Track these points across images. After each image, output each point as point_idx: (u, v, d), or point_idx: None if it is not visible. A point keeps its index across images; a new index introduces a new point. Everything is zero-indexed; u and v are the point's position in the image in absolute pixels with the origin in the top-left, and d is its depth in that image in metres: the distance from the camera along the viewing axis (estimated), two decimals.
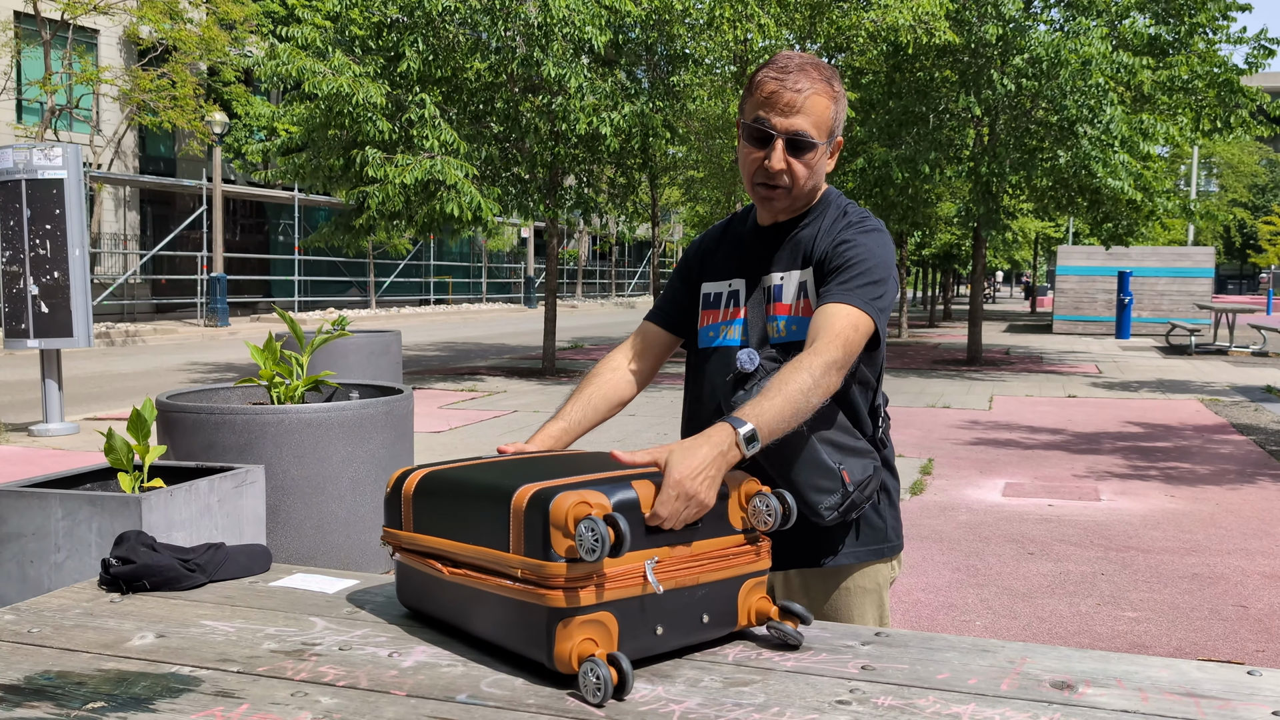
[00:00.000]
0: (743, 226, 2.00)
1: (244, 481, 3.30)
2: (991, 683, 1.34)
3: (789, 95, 1.77)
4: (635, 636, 1.34)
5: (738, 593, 1.46)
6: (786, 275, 1.88)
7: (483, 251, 39.58)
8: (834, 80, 1.83)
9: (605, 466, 1.47)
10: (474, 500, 1.41)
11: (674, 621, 1.39)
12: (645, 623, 1.35)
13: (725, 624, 1.45)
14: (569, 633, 1.29)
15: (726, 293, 1.95)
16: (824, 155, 1.84)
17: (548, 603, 1.29)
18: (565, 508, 1.29)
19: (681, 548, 1.39)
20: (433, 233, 12.57)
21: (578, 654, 1.29)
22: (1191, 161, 33.86)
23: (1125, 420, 9.93)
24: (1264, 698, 1.29)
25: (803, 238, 1.89)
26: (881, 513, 1.96)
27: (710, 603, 1.43)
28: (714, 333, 1.95)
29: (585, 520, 1.26)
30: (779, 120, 1.78)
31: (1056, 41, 12.87)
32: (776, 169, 1.80)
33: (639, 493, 1.36)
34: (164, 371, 14.31)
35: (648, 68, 13.30)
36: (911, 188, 15.36)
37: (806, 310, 1.84)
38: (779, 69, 1.79)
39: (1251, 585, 4.74)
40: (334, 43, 11.76)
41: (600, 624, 1.31)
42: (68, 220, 8.01)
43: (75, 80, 21.50)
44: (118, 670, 1.36)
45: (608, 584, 1.31)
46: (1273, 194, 63.34)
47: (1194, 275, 23.45)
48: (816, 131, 1.79)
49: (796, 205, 1.89)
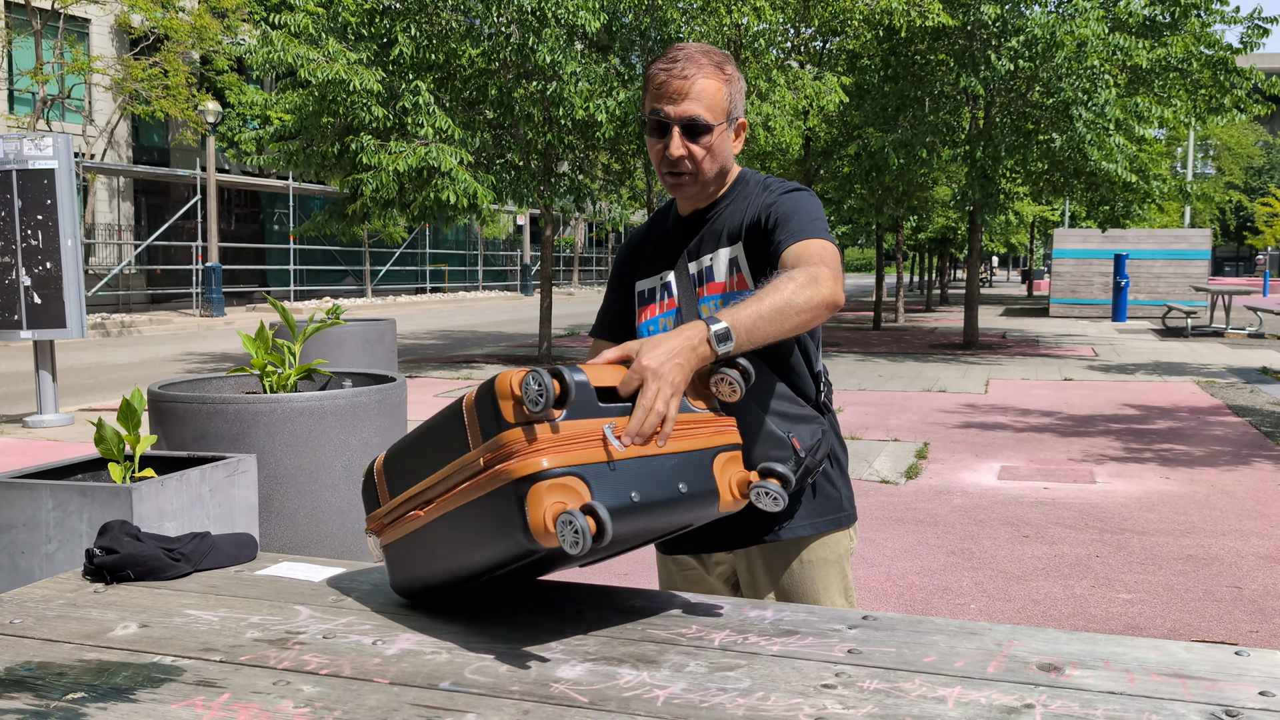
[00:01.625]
0: (665, 222, 2.03)
1: (236, 471, 3.29)
2: (978, 665, 1.33)
3: (676, 83, 1.81)
4: (611, 500, 1.32)
5: (712, 464, 1.44)
6: (714, 255, 1.90)
7: (478, 239, 39.51)
8: (725, 64, 1.85)
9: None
10: (434, 433, 1.42)
11: (649, 488, 1.36)
12: (618, 488, 1.32)
13: (706, 496, 1.42)
14: (538, 498, 1.26)
15: (659, 286, 1.98)
16: (724, 136, 1.87)
17: (514, 475, 1.27)
18: (509, 378, 1.30)
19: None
20: (428, 220, 12.54)
21: (551, 515, 1.26)
22: (1188, 144, 33.80)
23: (1121, 403, 9.93)
24: (1251, 678, 1.28)
25: (726, 215, 1.92)
26: (834, 482, 1.97)
27: (683, 472, 1.40)
28: (652, 327, 1.97)
29: (530, 375, 1.27)
30: (671, 108, 1.82)
31: (1053, 23, 12.83)
32: (676, 155, 1.84)
33: (585, 370, 1.36)
34: (159, 362, 14.29)
35: (642, 53, 13.24)
36: (907, 172, 15.33)
37: (741, 284, 1.86)
38: (668, 60, 1.83)
39: (1246, 566, 4.75)
40: (326, 30, 11.70)
41: (569, 488, 1.28)
42: (59, 211, 7.98)
43: (67, 70, 21.40)
44: (99, 660, 1.35)
45: (568, 445, 1.30)
46: (1269, 175, 63.30)
47: (1190, 258, 23.44)
48: (710, 114, 1.82)
49: (708, 189, 1.92)
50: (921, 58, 14.36)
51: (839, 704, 1.21)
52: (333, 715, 1.18)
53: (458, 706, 1.21)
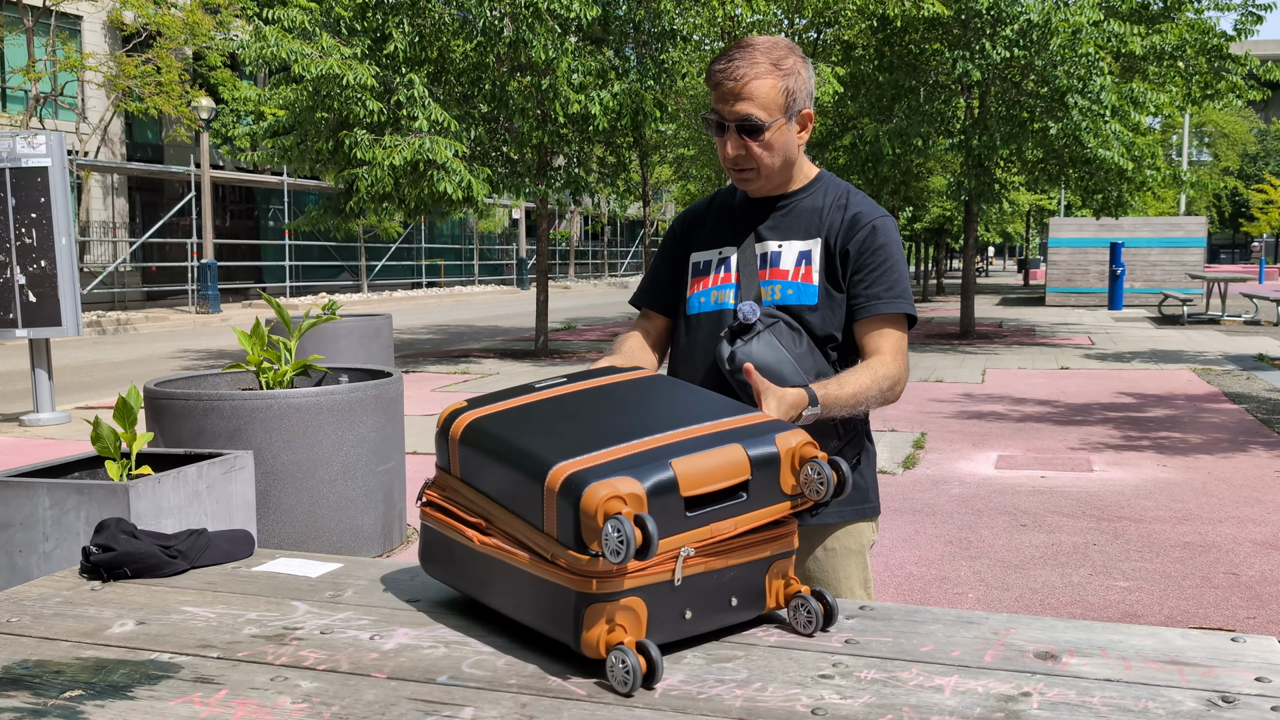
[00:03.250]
0: (731, 200, 2.05)
1: (233, 467, 3.29)
2: (975, 654, 1.33)
3: (729, 84, 1.84)
4: (664, 622, 1.30)
5: (765, 575, 1.41)
6: (785, 244, 1.94)
7: (474, 234, 39.46)
8: (783, 59, 1.86)
9: (658, 418, 1.41)
10: (512, 465, 1.36)
11: (702, 605, 1.34)
12: (674, 607, 1.31)
13: (753, 606, 1.41)
14: (598, 618, 1.25)
15: (716, 259, 2.00)
16: (784, 131, 1.88)
17: (577, 587, 1.26)
18: (596, 502, 1.23)
19: (725, 523, 1.33)
20: (423, 214, 12.52)
21: (606, 641, 1.25)
22: (1183, 131, 33.80)
23: (1118, 391, 9.94)
24: (1248, 664, 1.29)
25: (803, 208, 1.96)
26: (863, 473, 2.02)
27: (738, 585, 1.38)
28: (704, 298, 1.99)
29: (612, 520, 1.21)
30: (726, 109, 1.86)
31: (1047, 10, 12.82)
32: (733, 154, 1.88)
33: (678, 471, 1.28)
34: (156, 359, 14.27)
35: (636, 45, 13.22)
36: (903, 162, 15.32)
37: (806, 277, 1.91)
38: (725, 59, 1.86)
39: (1243, 553, 4.76)
40: (320, 24, 11.67)
41: (629, 610, 1.27)
42: (53, 208, 7.96)
43: (59, 67, 21.34)
44: (96, 658, 1.35)
45: (640, 571, 1.27)
46: (1264, 162, 63.31)
47: (1186, 245, 23.44)
48: (765, 113, 1.85)
49: (775, 182, 1.95)
50: (916, 47, 14.34)
51: (836, 694, 1.22)
52: (330, 710, 1.18)
53: (455, 700, 1.21)
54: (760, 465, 1.34)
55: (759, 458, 1.34)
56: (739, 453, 1.33)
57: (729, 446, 1.33)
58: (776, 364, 1.83)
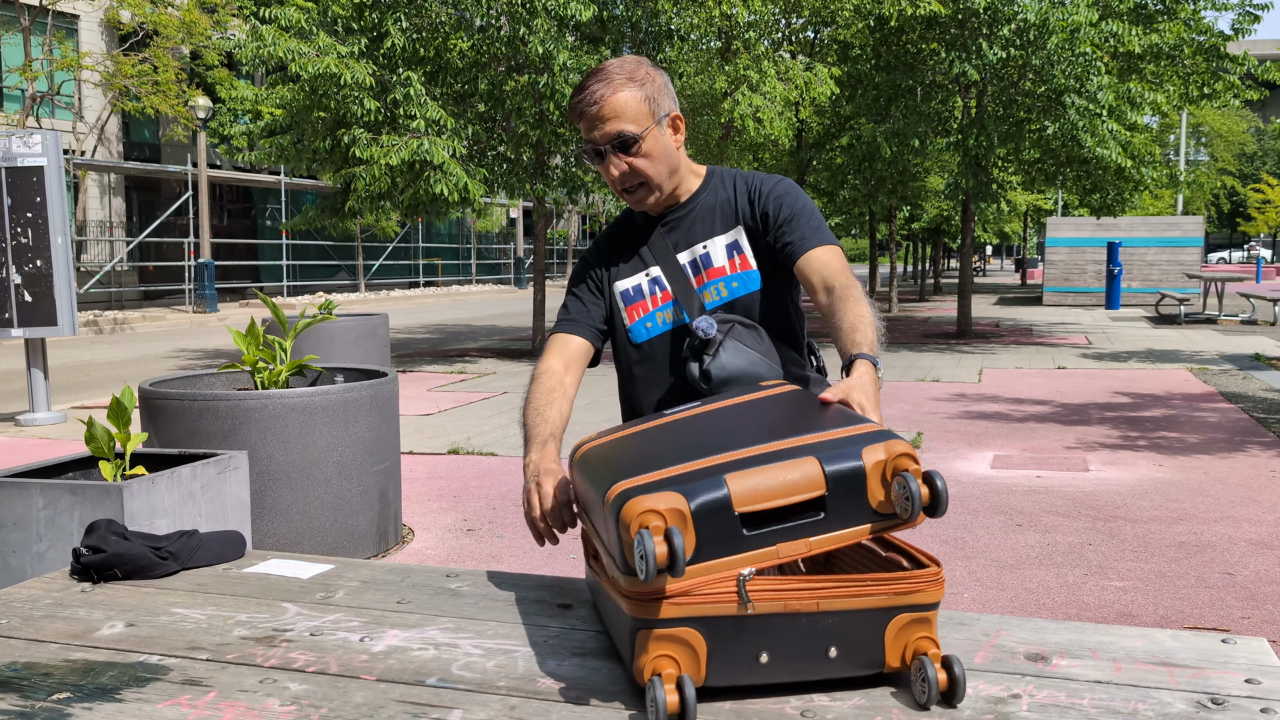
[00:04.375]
0: (632, 223, 2.06)
1: (227, 468, 3.28)
2: (966, 656, 1.33)
3: (593, 109, 1.86)
4: (729, 661, 1.19)
5: (885, 628, 1.22)
6: (708, 243, 1.95)
7: (472, 233, 39.45)
8: (634, 70, 1.88)
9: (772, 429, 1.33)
10: (597, 488, 1.32)
11: (785, 650, 1.20)
12: (743, 646, 1.19)
13: (864, 664, 1.23)
14: (646, 646, 1.19)
15: (646, 282, 1.99)
16: (658, 137, 1.89)
17: (628, 611, 1.21)
18: (631, 517, 1.17)
19: (796, 544, 1.20)
20: (420, 214, 12.51)
21: (651, 670, 1.18)
22: (1180, 130, 33.83)
23: (1114, 390, 9.95)
24: (1238, 665, 1.29)
25: (709, 206, 1.98)
26: None
27: (841, 635, 1.21)
28: (650, 322, 1.97)
29: (640, 535, 1.13)
30: (597, 134, 1.87)
31: (1044, 10, 12.82)
32: (618, 175, 1.89)
33: (732, 488, 1.18)
34: (152, 359, 14.26)
35: (634, 45, 13.21)
36: (900, 161, 15.32)
37: (744, 265, 1.93)
38: (581, 89, 1.88)
39: (1238, 553, 4.76)
40: (317, 23, 11.66)
41: (682, 641, 1.18)
42: (49, 208, 7.95)
43: (56, 66, 21.31)
44: (85, 660, 1.34)
45: (691, 597, 1.17)
46: (1261, 162, 63.36)
47: (1183, 245, 23.47)
48: (634, 124, 1.85)
49: (667, 190, 1.95)
50: (913, 47, 14.34)
51: (826, 696, 1.21)
52: (319, 713, 1.18)
53: (444, 703, 1.20)
54: (839, 480, 1.21)
55: (838, 472, 1.21)
56: (812, 466, 1.21)
57: (802, 459, 1.22)
58: (750, 366, 1.84)
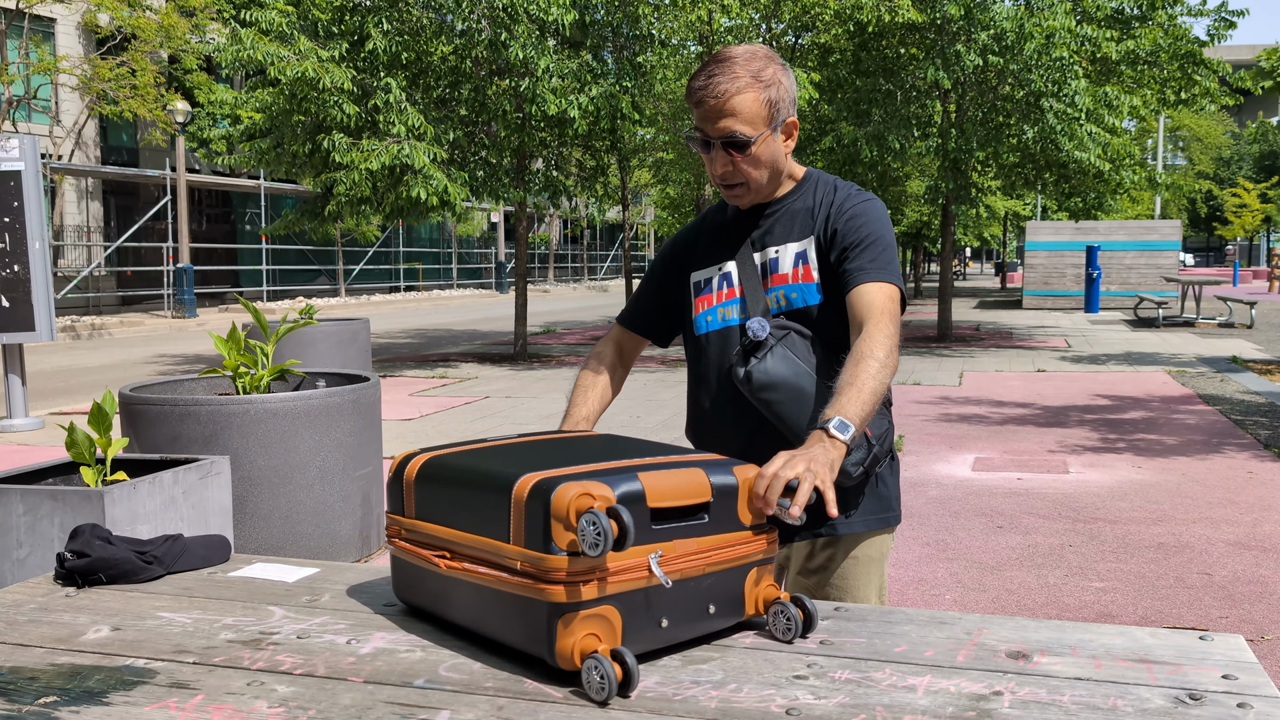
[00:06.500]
0: (723, 215, 2.04)
1: (209, 473, 3.27)
2: (948, 654, 1.35)
3: (711, 102, 1.82)
4: (639, 630, 1.30)
5: (744, 581, 1.41)
6: (781, 248, 1.93)
7: (452, 237, 39.36)
8: (762, 70, 1.83)
9: (616, 453, 1.43)
10: (475, 488, 1.36)
11: (679, 613, 1.34)
12: (650, 616, 1.31)
13: (732, 614, 1.41)
14: (571, 629, 1.25)
15: (718, 276, 1.98)
16: (770, 142, 1.87)
17: (548, 597, 1.25)
18: (567, 500, 1.24)
19: (688, 542, 1.34)
20: (401, 218, 12.49)
21: (580, 650, 1.24)
22: (1158, 135, 34.10)
23: (1094, 393, 10.02)
24: (1215, 661, 1.31)
25: (794, 210, 1.94)
26: (887, 481, 2.00)
27: (716, 592, 1.38)
28: (711, 316, 1.97)
29: (587, 514, 1.21)
30: (709, 127, 1.84)
31: (1020, 15, 12.92)
32: (720, 171, 1.87)
33: (645, 484, 1.31)
34: (131, 364, 14.17)
35: (614, 49, 13.24)
36: (880, 165, 15.40)
37: (807, 276, 1.90)
38: (704, 76, 1.83)
39: (1216, 553, 4.81)
40: (297, 27, 11.62)
41: (603, 618, 1.27)
42: (27, 213, 7.89)
43: (33, 70, 21.16)
44: (71, 664, 1.34)
45: (610, 577, 1.27)
46: (1238, 166, 63.94)
47: (1161, 248, 23.67)
48: (750, 127, 1.83)
49: (765, 192, 1.94)
50: (892, 51, 14.42)
51: (810, 694, 1.23)
52: (307, 715, 1.18)
53: (432, 704, 1.21)
54: (721, 492, 1.38)
55: (720, 485, 1.38)
56: (701, 475, 1.37)
57: (692, 469, 1.38)
58: (794, 377, 1.82)
